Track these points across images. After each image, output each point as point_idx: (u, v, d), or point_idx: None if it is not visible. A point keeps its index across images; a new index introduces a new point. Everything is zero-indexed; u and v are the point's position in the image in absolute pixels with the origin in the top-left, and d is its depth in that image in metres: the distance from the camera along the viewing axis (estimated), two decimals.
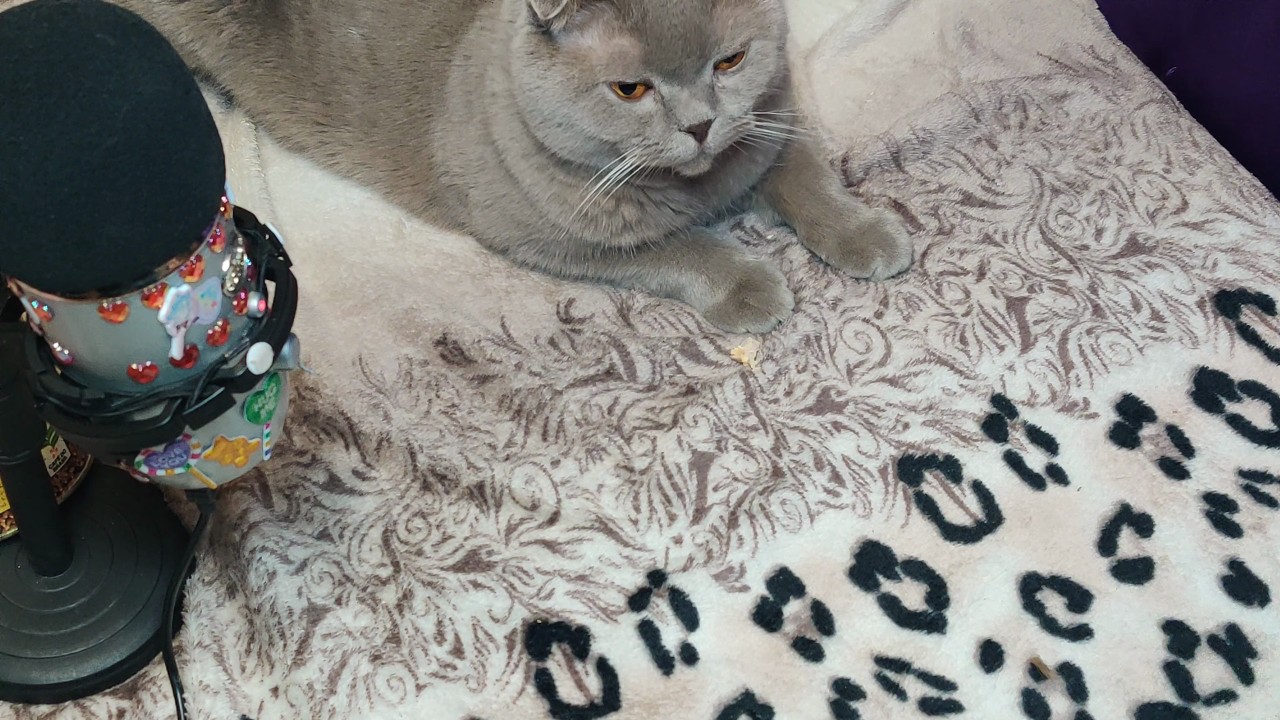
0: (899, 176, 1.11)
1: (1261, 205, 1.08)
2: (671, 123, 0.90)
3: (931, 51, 1.21)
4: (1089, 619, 0.86)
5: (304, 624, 0.85)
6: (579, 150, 0.94)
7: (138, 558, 0.87)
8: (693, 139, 0.90)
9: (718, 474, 0.93)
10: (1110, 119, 1.15)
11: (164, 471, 0.69)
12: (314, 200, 1.10)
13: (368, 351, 1.00)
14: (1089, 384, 0.97)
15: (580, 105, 0.90)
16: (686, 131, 0.90)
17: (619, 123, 0.90)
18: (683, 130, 0.90)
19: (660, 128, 0.90)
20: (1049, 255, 1.05)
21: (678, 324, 1.02)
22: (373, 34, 1.04)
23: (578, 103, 0.90)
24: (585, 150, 0.93)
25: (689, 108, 0.89)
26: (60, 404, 0.65)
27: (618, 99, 0.89)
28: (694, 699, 0.83)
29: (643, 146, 0.91)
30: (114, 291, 0.61)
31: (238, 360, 0.66)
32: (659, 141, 0.90)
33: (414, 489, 0.92)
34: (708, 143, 0.90)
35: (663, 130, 0.90)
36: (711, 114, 0.90)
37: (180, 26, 1.08)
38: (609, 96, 0.89)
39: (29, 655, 0.83)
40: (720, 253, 1.02)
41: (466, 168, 1.02)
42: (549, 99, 0.91)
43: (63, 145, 0.56)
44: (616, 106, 0.89)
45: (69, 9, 0.58)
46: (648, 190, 0.98)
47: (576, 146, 0.93)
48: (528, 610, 0.87)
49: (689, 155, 0.91)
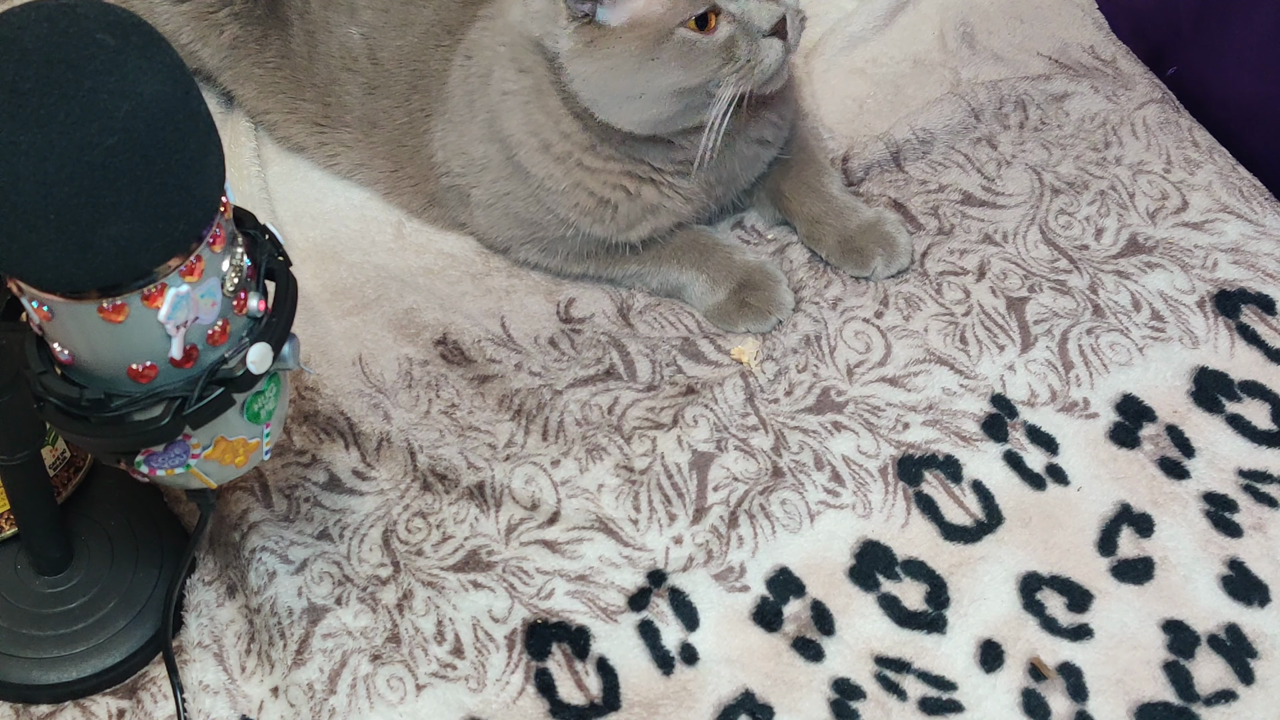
0: (899, 176, 1.11)
1: (1261, 205, 1.08)
2: (754, 33, 0.90)
3: (931, 51, 1.21)
4: (1089, 619, 0.86)
5: (304, 624, 0.85)
6: (664, 116, 0.93)
7: (138, 558, 0.87)
8: (778, 40, 0.91)
9: (718, 474, 0.93)
10: (1110, 119, 1.15)
11: (164, 471, 0.69)
12: (314, 200, 1.10)
13: (368, 351, 1.00)
14: (1089, 384, 0.97)
15: (661, 61, 0.90)
16: (770, 35, 0.90)
17: (705, 59, 0.90)
18: (766, 35, 0.90)
19: (746, 44, 0.90)
20: (1049, 255, 1.05)
21: (678, 324, 1.02)
22: (373, 34, 1.04)
23: (658, 61, 0.90)
24: (671, 113, 0.93)
25: (763, 10, 0.90)
26: (60, 404, 0.65)
27: (697, 35, 0.89)
28: (694, 699, 0.83)
29: (735, 71, 0.91)
30: (114, 291, 0.61)
31: (238, 360, 0.66)
32: (749, 58, 0.91)
33: (414, 489, 0.92)
34: (790, 39, 0.92)
35: (749, 45, 0.91)
36: (781, 8, 0.91)
37: (182, 27, 1.08)
38: (688, 37, 0.89)
39: (29, 655, 0.83)
40: (721, 252, 1.03)
41: (468, 167, 1.02)
42: (624, 74, 0.91)
43: (63, 145, 0.56)
44: (699, 43, 0.90)
45: (69, 9, 0.58)
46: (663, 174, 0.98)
47: (662, 112, 0.93)
48: (528, 610, 0.87)
49: (780, 57, 0.92)
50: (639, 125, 0.94)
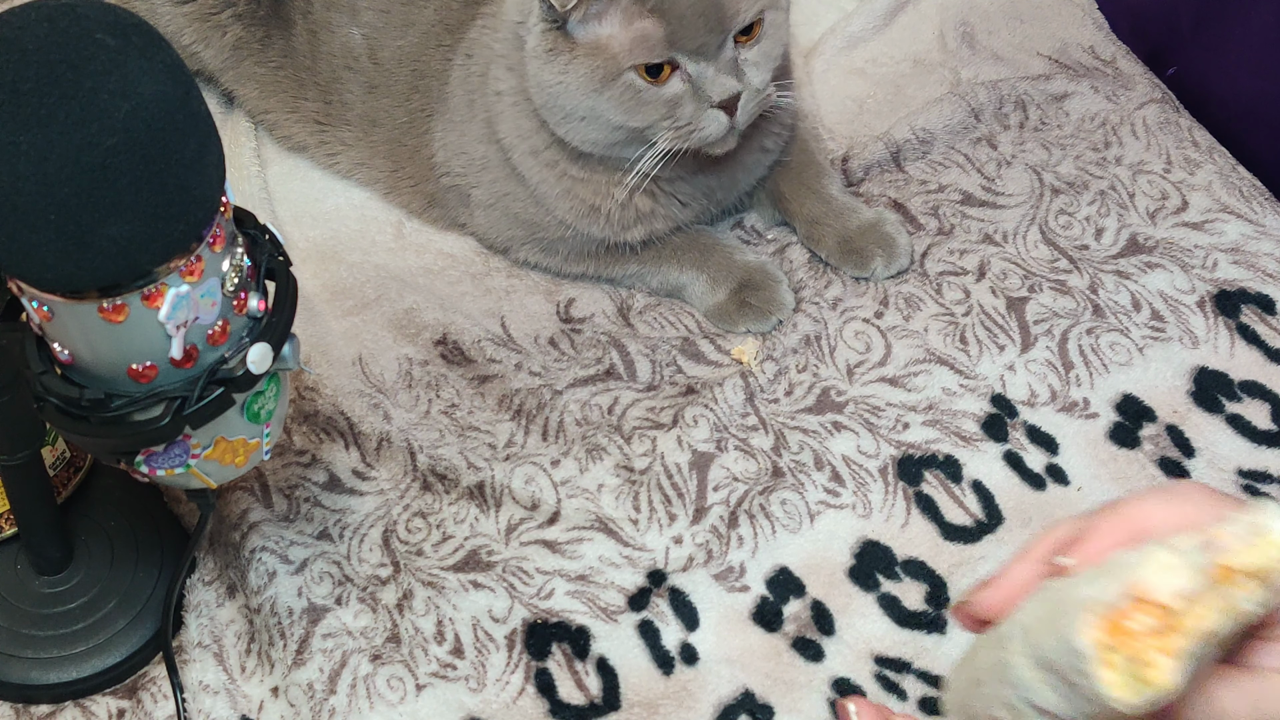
0: (899, 176, 1.11)
1: (1261, 205, 1.08)
2: (702, 100, 0.90)
3: (931, 51, 1.21)
4: None
5: (304, 624, 0.85)
6: (603, 142, 0.93)
7: (138, 558, 0.87)
8: (724, 114, 0.90)
9: (718, 474, 0.93)
10: (1110, 119, 1.15)
11: (164, 471, 0.69)
12: (314, 200, 1.10)
13: (368, 351, 1.00)
14: (1089, 384, 0.97)
15: (606, 95, 0.90)
16: (717, 107, 0.90)
17: (648, 108, 0.90)
18: (714, 106, 0.90)
19: (690, 107, 0.90)
20: (1049, 255, 1.05)
21: (678, 324, 1.02)
22: (374, 34, 1.04)
23: (604, 93, 0.90)
24: (610, 141, 0.93)
25: (717, 82, 0.89)
26: (60, 404, 0.65)
27: (645, 84, 0.89)
28: (694, 699, 0.83)
29: (674, 129, 0.91)
30: (114, 292, 0.61)
31: (238, 360, 0.66)
32: (690, 121, 0.90)
33: (414, 489, 0.92)
34: (737, 117, 0.91)
35: (693, 109, 0.90)
36: (739, 86, 0.90)
37: (184, 28, 1.08)
38: (636, 82, 0.89)
39: (29, 655, 0.83)
40: (721, 252, 1.03)
41: (469, 167, 1.03)
42: (572, 94, 0.90)
43: (63, 145, 0.56)
44: (644, 92, 0.89)
45: (69, 9, 0.58)
46: (659, 181, 0.98)
47: (601, 138, 0.93)
48: (528, 610, 0.87)
49: (720, 132, 0.91)
50: (583, 144, 0.94)
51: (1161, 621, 0.46)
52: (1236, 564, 0.47)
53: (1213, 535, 0.47)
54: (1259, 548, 0.47)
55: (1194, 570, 0.46)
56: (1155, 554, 0.47)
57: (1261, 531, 0.47)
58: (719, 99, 0.90)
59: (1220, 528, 0.47)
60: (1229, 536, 0.47)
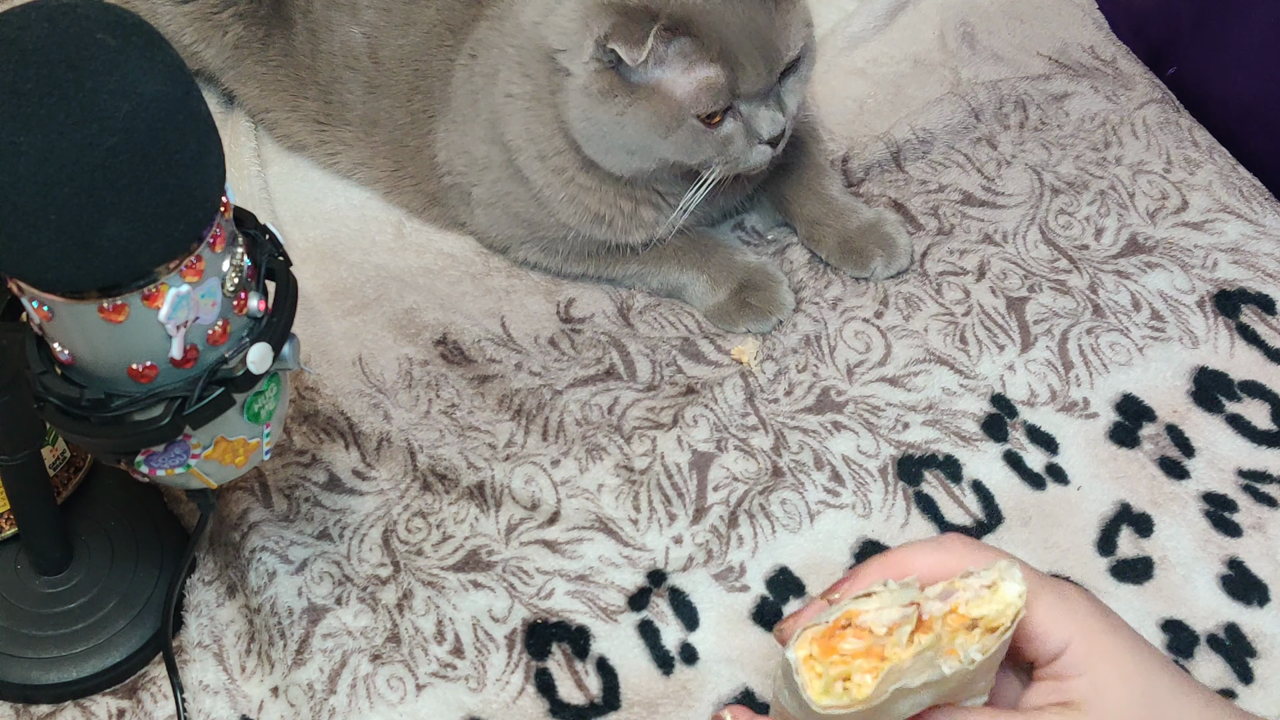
0: (899, 176, 1.11)
1: (1261, 205, 1.08)
2: (752, 137, 0.91)
3: (931, 51, 1.21)
4: None
5: (304, 624, 0.85)
6: (646, 172, 0.94)
7: (138, 558, 0.87)
8: (770, 147, 0.92)
9: (718, 474, 0.93)
10: (1110, 119, 1.15)
11: (164, 471, 0.69)
12: (314, 200, 1.10)
13: (368, 351, 1.00)
14: (1089, 384, 0.97)
15: (668, 141, 0.90)
16: (765, 143, 0.91)
17: (704, 149, 0.91)
18: (764, 143, 0.91)
19: (742, 144, 0.91)
20: (1049, 255, 1.05)
21: (678, 324, 1.02)
22: (375, 33, 1.04)
23: (665, 139, 0.90)
24: (653, 171, 0.94)
25: (768, 120, 0.91)
26: (60, 404, 0.65)
27: (703, 127, 0.90)
28: (694, 698, 0.83)
29: (723, 164, 0.92)
30: (114, 291, 0.61)
31: (238, 360, 0.66)
32: (740, 156, 0.92)
33: (414, 489, 0.92)
34: (778, 148, 0.93)
35: (744, 146, 0.92)
36: (785, 121, 0.92)
37: (185, 28, 1.08)
38: (696, 126, 0.90)
39: (29, 655, 0.83)
40: (722, 252, 1.03)
41: (470, 166, 1.03)
42: (628, 134, 0.91)
43: (63, 146, 0.56)
44: (702, 133, 0.90)
45: (69, 9, 0.58)
46: (664, 195, 0.99)
47: (646, 169, 0.94)
48: (528, 610, 0.87)
49: (765, 162, 0.93)
50: (622, 171, 0.95)
51: (868, 645, 0.55)
52: (970, 612, 0.55)
53: (954, 584, 0.55)
54: (988, 600, 0.55)
55: (902, 608, 0.55)
56: (880, 592, 0.55)
57: (995, 587, 0.55)
58: (770, 136, 0.91)
59: (963, 579, 0.55)
60: (967, 588, 0.55)
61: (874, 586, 0.56)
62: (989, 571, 0.56)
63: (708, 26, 0.87)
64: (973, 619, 0.55)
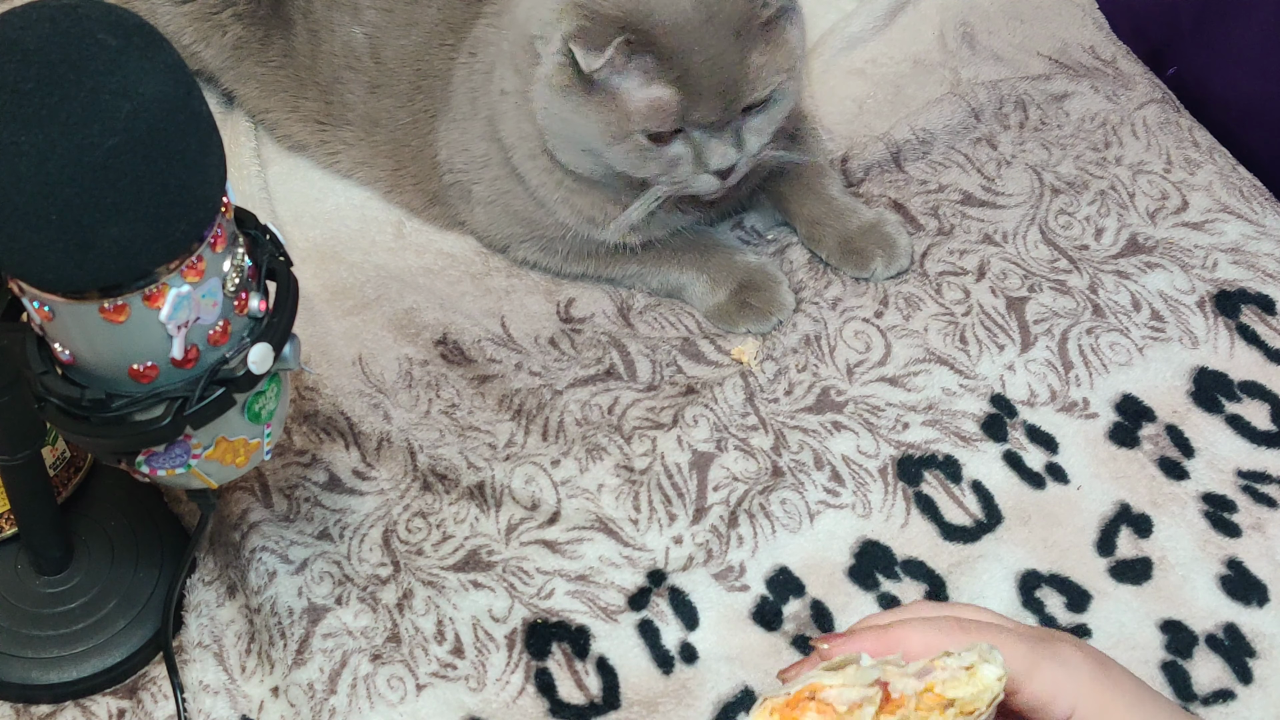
0: (899, 176, 1.11)
1: (1261, 205, 1.08)
2: (700, 165, 0.91)
3: (931, 51, 1.21)
4: (1088, 619, 0.86)
5: (304, 624, 0.85)
6: (599, 174, 0.95)
7: (138, 558, 0.87)
8: (717, 178, 0.92)
9: (718, 474, 0.93)
10: (1110, 119, 1.15)
11: (165, 471, 0.69)
12: (314, 200, 1.10)
13: (368, 351, 1.00)
14: (1089, 384, 0.97)
15: (613, 149, 0.91)
16: (713, 173, 0.91)
17: (650, 164, 0.92)
18: (710, 173, 0.91)
19: (688, 169, 0.92)
20: (1049, 255, 1.05)
21: (678, 324, 1.02)
22: (376, 33, 1.04)
23: (611, 147, 0.91)
24: (607, 176, 0.95)
25: (718, 153, 0.91)
26: (61, 404, 0.65)
27: (649, 145, 0.90)
28: (694, 697, 0.83)
29: (669, 183, 0.93)
30: (115, 292, 0.61)
31: (239, 360, 0.66)
32: (685, 180, 0.92)
33: (414, 489, 0.92)
34: (729, 180, 0.93)
35: (690, 171, 0.92)
36: (738, 156, 0.92)
37: (184, 28, 1.08)
38: (642, 142, 0.90)
39: (29, 655, 0.83)
40: (721, 253, 1.03)
41: (470, 164, 1.03)
42: (579, 134, 0.92)
43: (64, 146, 0.56)
44: (648, 151, 0.91)
45: (70, 9, 0.58)
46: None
47: (599, 172, 0.95)
48: (528, 610, 0.87)
49: (712, 190, 0.93)
50: (579, 169, 0.95)
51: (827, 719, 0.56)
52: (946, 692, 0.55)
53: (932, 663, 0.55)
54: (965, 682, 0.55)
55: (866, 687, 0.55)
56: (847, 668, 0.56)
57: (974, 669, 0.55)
58: (716, 168, 0.91)
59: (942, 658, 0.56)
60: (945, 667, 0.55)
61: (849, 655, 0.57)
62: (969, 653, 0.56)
63: (672, 49, 0.87)
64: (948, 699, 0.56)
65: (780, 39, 0.91)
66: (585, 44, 0.86)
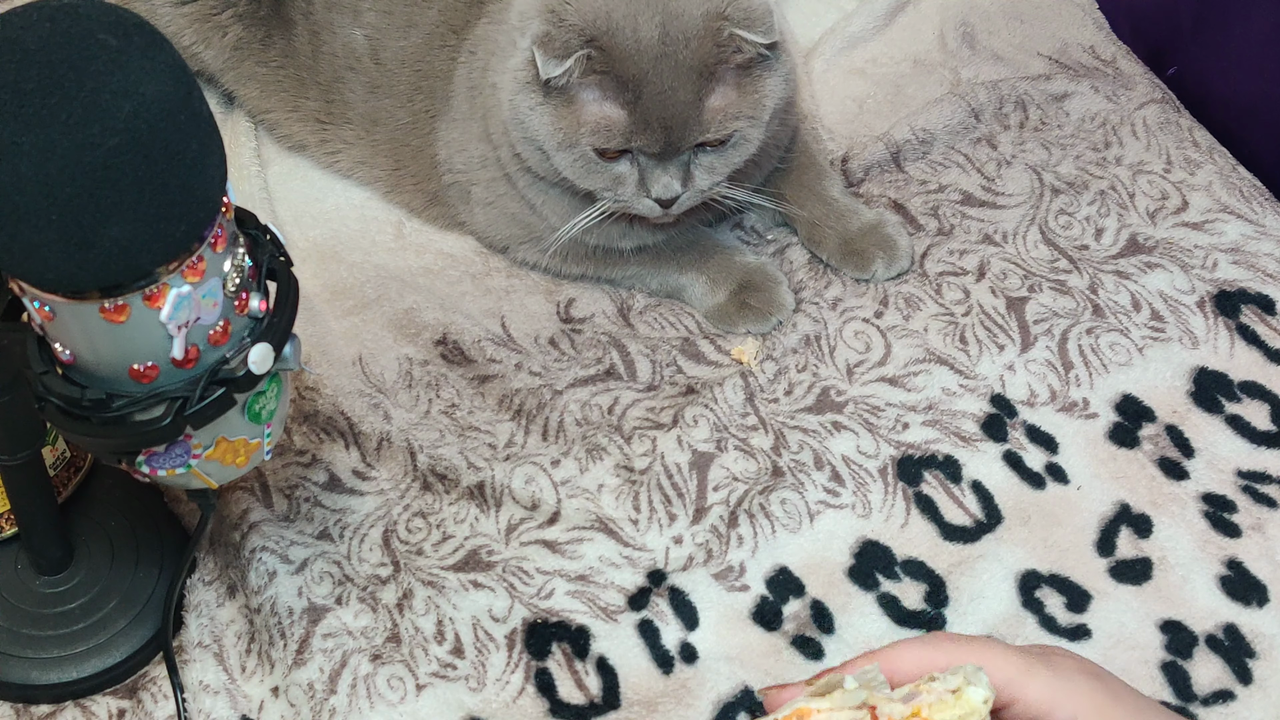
0: (899, 176, 1.11)
1: (1261, 205, 1.08)
2: (642, 190, 0.92)
3: (931, 51, 1.21)
4: (1087, 619, 0.86)
5: (304, 624, 0.85)
6: (552, 176, 0.95)
7: (138, 558, 0.87)
8: (659, 205, 0.93)
9: (718, 474, 0.93)
10: (1110, 119, 1.15)
11: (165, 472, 0.69)
12: (314, 200, 1.10)
13: (368, 351, 1.00)
14: (1089, 384, 0.97)
15: (560, 154, 0.92)
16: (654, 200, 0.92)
17: (595, 177, 0.92)
18: (651, 199, 0.92)
19: (631, 190, 0.92)
20: (1049, 255, 1.05)
21: (678, 324, 1.02)
22: (376, 34, 1.04)
23: (559, 151, 0.92)
24: (558, 180, 0.95)
25: (660, 183, 0.91)
26: (62, 404, 0.65)
27: (595, 158, 0.91)
28: (693, 696, 0.83)
29: (613, 200, 0.93)
30: (116, 292, 0.61)
31: (239, 360, 0.66)
32: (629, 199, 0.93)
33: (414, 489, 0.92)
34: (672, 209, 0.93)
35: (633, 193, 0.92)
36: (681, 190, 0.92)
37: (184, 29, 1.08)
38: (589, 153, 0.91)
39: (29, 655, 0.83)
40: (721, 253, 1.03)
41: (469, 164, 1.03)
42: (533, 131, 0.92)
43: (65, 146, 0.56)
44: (594, 164, 0.91)
45: (71, 10, 0.58)
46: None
47: (552, 175, 0.95)
48: (528, 610, 0.87)
49: (654, 215, 0.94)
50: (538, 169, 0.96)
51: None
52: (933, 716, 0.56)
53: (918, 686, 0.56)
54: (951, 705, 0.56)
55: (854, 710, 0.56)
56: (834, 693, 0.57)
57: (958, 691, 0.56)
58: (657, 196, 0.92)
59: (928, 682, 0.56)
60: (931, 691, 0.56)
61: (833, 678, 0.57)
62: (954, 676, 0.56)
63: (628, 73, 0.88)
64: None
65: (752, 86, 0.91)
66: (547, 51, 0.87)
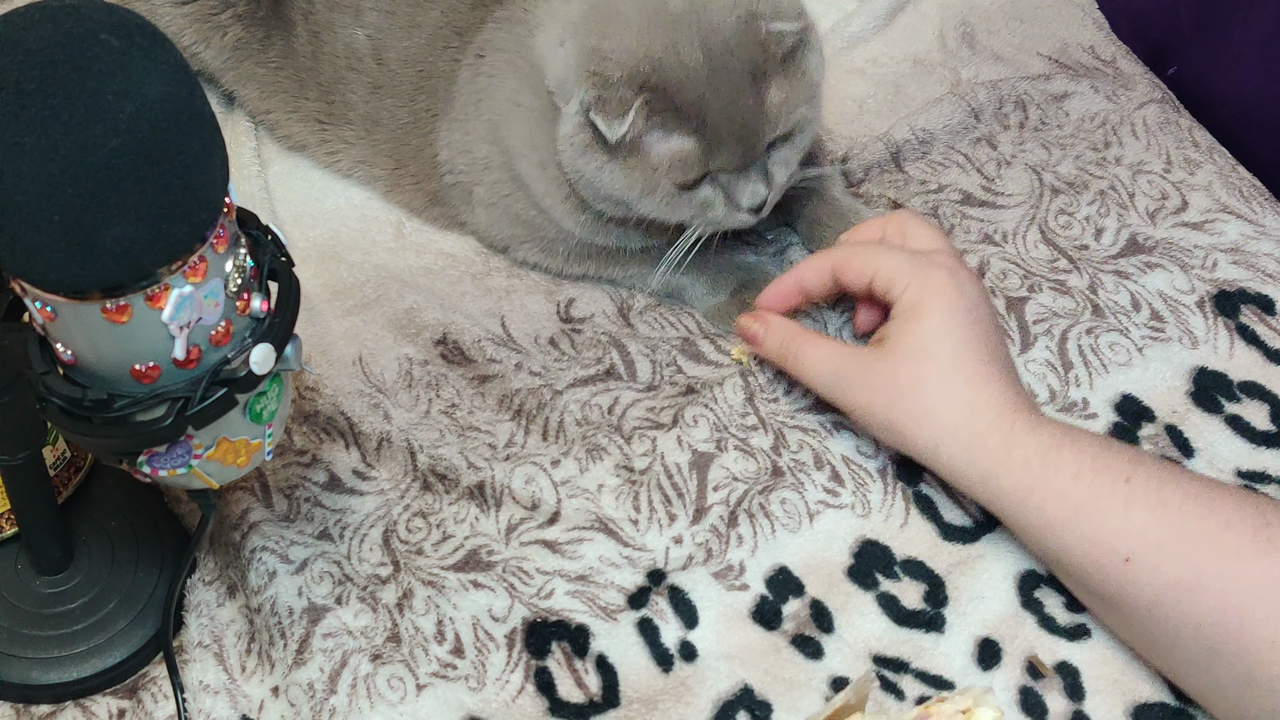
0: (899, 176, 1.11)
1: (1261, 205, 1.08)
2: (732, 205, 0.91)
3: (931, 51, 1.21)
4: (1087, 619, 0.86)
5: (304, 624, 0.85)
6: (632, 219, 0.95)
7: (138, 558, 0.87)
8: (751, 215, 0.92)
9: (718, 474, 0.93)
10: (1110, 119, 1.15)
11: (166, 472, 0.69)
12: (314, 200, 1.10)
13: (368, 351, 1.00)
14: (1088, 384, 0.98)
15: (643, 201, 0.91)
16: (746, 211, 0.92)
17: (682, 209, 0.92)
18: (743, 211, 0.91)
19: (721, 210, 0.92)
20: (1049, 255, 1.05)
21: (678, 324, 1.02)
22: (378, 35, 1.04)
23: (641, 200, 0.91)
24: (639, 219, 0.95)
25: (748, 192, 0.91)
26: (63, 405, 0.65)
27: (679, 191, 0.91)
28: (693, 695, 0.83)
29: (705, 224, 0.93)
30: (117, 292, 0.61)
31: (240, 361, 0.66)
32: (722, 219, 0.92)
33: (414, 489, 0.92)
34: (763, 213, 0.93)
35: (724, 212, 0.92)
36: (768, 191, 0.91)
37: (184, 29, 1.08)
38: (671, 191, 0.90)
39: (29, 655, 0.83)
40: (721, 254, 1.03)
41: (472, 166, 1.02)
42: (607, 190, 0.92)
43: (67, 146, 0.56)
44: (678, 198, 0.91)
45: (73, 10, 0.58)
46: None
47: (630, 217, 0.95)
48: (528, 610, 0.87)
49: (748, 224, 0.94)
50: (612, 213, 0.95)
51: None
52: None
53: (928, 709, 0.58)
54: None
55: None
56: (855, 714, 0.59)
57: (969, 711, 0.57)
58: (747, 206, 0.91)
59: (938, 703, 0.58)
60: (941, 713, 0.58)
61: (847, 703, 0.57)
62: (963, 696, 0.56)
63: (687, 101, 0.87)
64: None
65: (799, 69, 0.91)
66: (606, 114, 0.86)
